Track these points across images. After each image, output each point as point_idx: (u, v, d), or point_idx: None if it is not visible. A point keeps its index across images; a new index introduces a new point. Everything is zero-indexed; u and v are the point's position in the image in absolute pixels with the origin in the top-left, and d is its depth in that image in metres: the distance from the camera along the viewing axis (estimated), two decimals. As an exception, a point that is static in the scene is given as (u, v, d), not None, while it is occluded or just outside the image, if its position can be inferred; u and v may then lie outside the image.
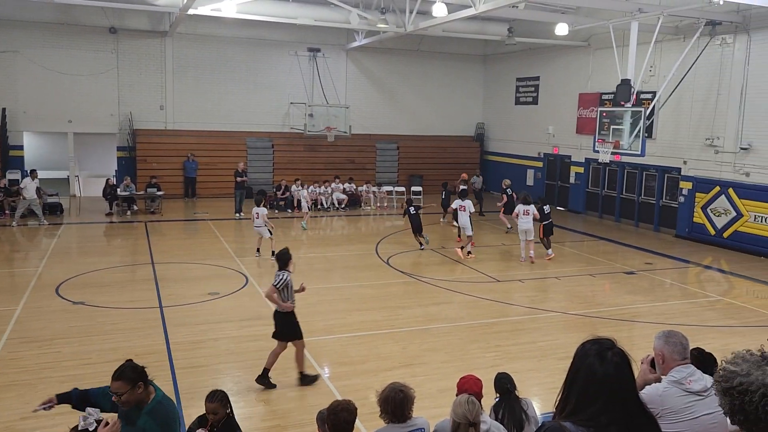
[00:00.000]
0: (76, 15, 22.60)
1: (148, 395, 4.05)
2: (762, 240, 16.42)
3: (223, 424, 4.84)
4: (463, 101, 29.00)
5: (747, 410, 2.15)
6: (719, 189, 17.57)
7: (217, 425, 4.84)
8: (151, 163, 23.50)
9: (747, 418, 2.16)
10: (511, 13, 19.05)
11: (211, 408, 4.84)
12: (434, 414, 5.50)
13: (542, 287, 13.18)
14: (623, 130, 16.89)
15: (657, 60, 18.93)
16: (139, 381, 3.98)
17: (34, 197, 18.27)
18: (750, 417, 2.15)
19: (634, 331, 10.59)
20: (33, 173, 18.71)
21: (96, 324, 9.99)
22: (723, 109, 17.49)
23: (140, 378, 4.00)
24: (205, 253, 15.24)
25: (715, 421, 3.63)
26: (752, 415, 2.15)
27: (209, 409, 4.84)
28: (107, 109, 23.69)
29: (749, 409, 2.14)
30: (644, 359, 3.90)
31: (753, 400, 2.13)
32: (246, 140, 25.20)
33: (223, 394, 4.92)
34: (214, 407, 4.83)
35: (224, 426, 4.85)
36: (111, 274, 13.21)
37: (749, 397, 2.14)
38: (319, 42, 25.79)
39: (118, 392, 3.96)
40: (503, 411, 4.98)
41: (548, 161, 25.28)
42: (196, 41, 24.39)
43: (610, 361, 2.31)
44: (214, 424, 4.84)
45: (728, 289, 13.88)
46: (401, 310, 11.25)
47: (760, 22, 16.27)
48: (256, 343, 9.28)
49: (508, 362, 8.57)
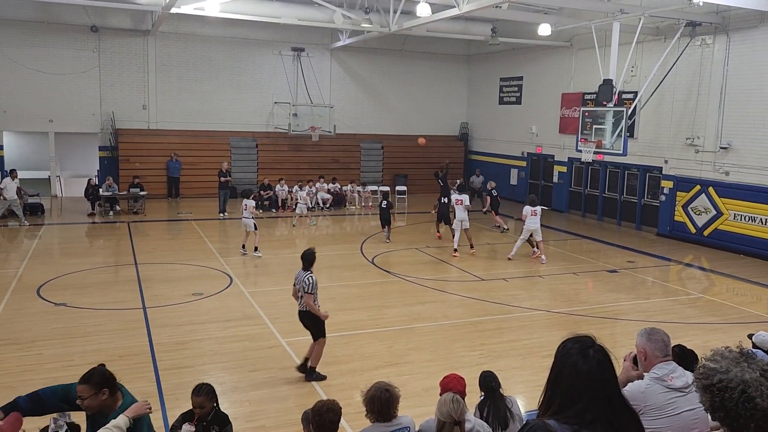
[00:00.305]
0: (56, 13, 22.34)
1: (115, 402, 3.95)
2: (741, 238, 16.66)
3: (211, 417, 4.78)
4: (447, 101, 29.09)
5: (727, 407, 2.18)
6: (699, 188, 17.79)
7: (204, 419, 4.77)
8: (134, 163, 23.30)
9: (727, 415, 2.19)
10: (495, 14, 19.15)
11: (198, 402, 4.77)
12: (419, 413, 5.52)
13: (526, 286, 13.26)
14: (605, 129, 17.06)
15: (638, 60, 19.13)
16: (104, 387, 3.88)
17: (15, 198, 18.05)
18: (730, 413, 2.18)
19: (617, 329, 10.69)
20: (13, 173, 18.48)
21: (78, 325, 9.90)
22: (703, 109, 17.72)
23: (106, 384, 3.90)
24: (189, 254, 15.15)
25: (696, 417, 3.68)
26: (732, 412, 2.17)
27: (196, 403, 4.78)
28: (89, 108, 23.45)
29: (729, 405, 2.17)
30: (627, 356, 3.95)
31: (733, 396, 2.16)
32: (230, 140, 25.07)
33: (210, 387, 4.87)
34: (200, 401, 4.76)
35: (213, 420, 4.79)
36: (93, 275, 13.08)
37: (729, 394, 2.17)
38: (303, 41, 25.73)
39: (81, 395, 3.87)
40: (488, 409, 5.01)
41: (532, 160, 25.44)
42: (179, 40, 24.23)
43: (592, 358, 2.32)
44: (201, 418, 4.77)
45: (709, 286, 14.06)
46: (386, 309, 11.27)
47: (739, 23, 16.50)
48: (240, 343, 9.25)
49: (492, 360, 8.62)
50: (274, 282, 12.89)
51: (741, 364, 2.24)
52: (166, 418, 6.89)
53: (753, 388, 2.17)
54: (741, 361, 2.26)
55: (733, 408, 2.17)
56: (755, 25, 16.13)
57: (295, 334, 9.67)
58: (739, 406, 2.16)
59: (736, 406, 2.16)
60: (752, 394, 2.16)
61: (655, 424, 3.62)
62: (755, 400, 2.15)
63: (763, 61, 16.03)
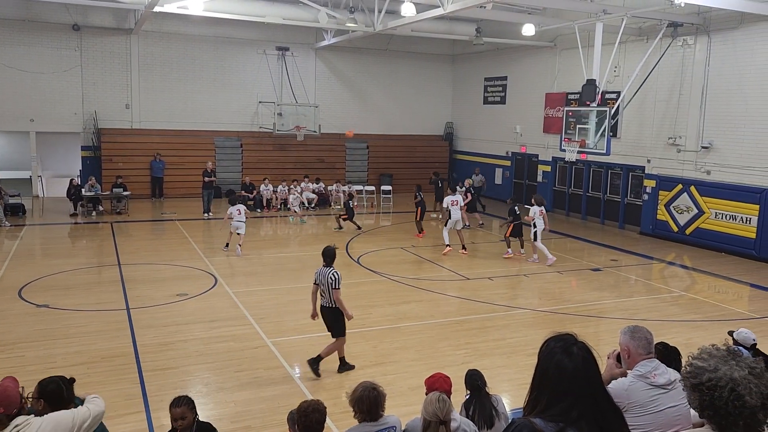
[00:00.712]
0: (38, 11, 22.09)
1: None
2: (723, 236, 16.86)
3: (195, 429, 4.67)
4: (432, 101, 29.14)
5: (717, 405, 2.19)
6: (681, 187, 17.98)
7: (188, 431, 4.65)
8: (117, 163, 23.10)
9: (717, 413, 2.20)
10: (479, 14, 19.22)
11: (178, 413, 4.65)
12: (405, 412, 5.53)
13: (511, 284, 13.33)
14: (589, 129, 17.19)
15: (621, 60, 19.29)
16: (41, 398, 3.88)
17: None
18: (720, 412, 2.19)
19: (601, 327, 10.78)
20: None
21: (61, 327, 9.80)
22: (685, 108, 17.91)
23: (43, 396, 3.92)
24: (174, 254, 15.05)
25: (679, 413, 3.73)
26: (722, 410, 2.19)
27: (176, 415, 4.65)
28: (71, 107, 23.21)
29: (719, 404, 2.18)
30: (610, 354, 3.98)
31: (722, 395, 2.17)
32: (214, 140, 24.94)
33: (189, 398, 4.77)
34: (181, 412, 4.64)
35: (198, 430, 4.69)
36: (76, 276, 12.95)
37: (718, 393, 2.18)
38: (287, 41, 25.66)
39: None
40: (474, 408, 5.03)
41: (516, 160, 25.56)
42: (163, 39, 24.05)
43: (577, 356, 2.33)
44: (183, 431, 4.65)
45: (691, 284, 14.22)
46: (372, 308, 11.27)
47: (720, 24, 16.70)
48: (225, 344, 9.21)
49: (477, 359, 8.66)
50: (259, 282, 12.85)
51: (729, 362, 2.26)
52: (150, 420, 6.85)
53: (742, 386, 2.18)
54: (729, 360, 2.27)
55: (722, 406, 2.19)
56: (735, 26, 16.33)
57: (280, 335, 9.66)
58: (729, 404, 2.17)
59: (725, 404, 2.18)
60: (741, 392, 2.17)
61: (639, 421, 3.65)
62: (744, 398, 2.17)
63: (743, 61, 16.23)
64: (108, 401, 7.21)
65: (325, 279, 8.00)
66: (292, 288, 12.48)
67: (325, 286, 8.01)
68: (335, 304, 8.03)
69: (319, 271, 8.15)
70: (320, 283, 8.09)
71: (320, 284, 8.09)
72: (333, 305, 8.04)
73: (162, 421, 6.85)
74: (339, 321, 8.13)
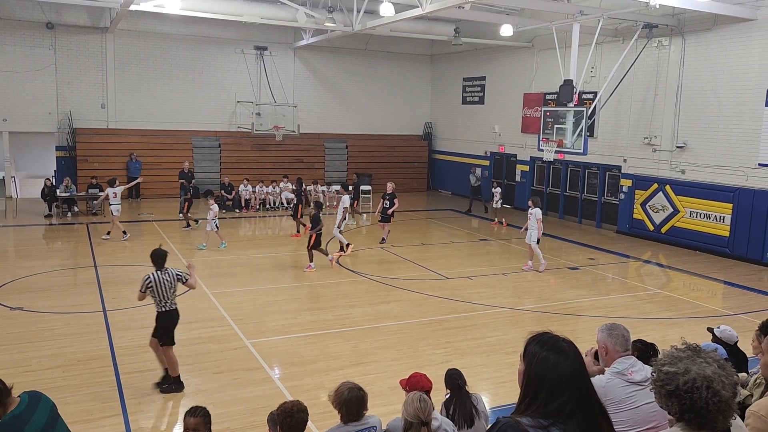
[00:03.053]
0: (9, 9, 21.71)
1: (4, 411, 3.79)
2: (697, 234, 17.13)
3: None
4: (411, 100, 29.20)
5: (698, 406, 2.20)
6: (657, 186, 18.23)
7: None
8: (93, 163, 22.78)
9: (698, 414, 2.21)
10: (458, 14, 19.31)
11: (192, 424, 4.38)
12: (385, 411, 5.54)
13: (490, 283, 13.40)
14: (566, 129, 17.35)
15: (598, 61, 19.51)
16: None
17: None
18: (701, 412, 2.20)
19: (579, 325, 10.89)
20: None
21: (35, 330, 9.64)
22: (660, 109, 18.16)
23: None
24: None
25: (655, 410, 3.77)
26: (703, 410, 2.19)
27: (189, 425, 4.39)
28: (45, 107, 22.84)
29: (700, 404, 2.19)
30: (588, 352, 4.02)
31: (702, 396, 2.18)
32: (192, 139, 24.72)
33: (206, 411, 4.50)
34: (195, 423, 4.38)
35: None
36: (51, 278, 12.75)
37: (698, 394, 2.19)
38: (266, 40, 25.53)
39: None
40: (454, 407, 5.04)
41: (495, 160, 25.71)
42: (139, 38, 23.77)
43: (569, 352, 2.31)
44: None
45: (666, 282, 14.42)
46: (351, 309, 11.26)
47: (694, 25, 16.96)
48: (204, 345, 9.14)
49: (457, 358, 8.69)
50: (237, 283, 12.76)
51: (697, 361, 2.27)
52: (128, 422, 6.77)
53: (716, 381, 2.21)
54: (696, 359, 2.28)
55: (703, 407, 2.20)
56: (709, 28, 16.60)
57: (259, 335, 9.61)
58: (710, 403, 2.19)
59: (706, 404, 2.19)
60: (716, 387, 2.20)
61: (616, 417, 3.69)
62: (720, 392, 2.19)
63: (716, 62, 16.51)
64: (85, 404, 7.17)
65: (173, 280, 7.67)
66: (271, 289, 12.42)
67: (172, 286, 7.67)
68: (174, 307, 7.71)
69: (157, 277, 7.58)
70: (166, 287, 7.59)
71: (162, 288, 7.56)
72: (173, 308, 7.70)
73: (140, 424, 6.79)
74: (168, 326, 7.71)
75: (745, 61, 15.77)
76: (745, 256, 15.87)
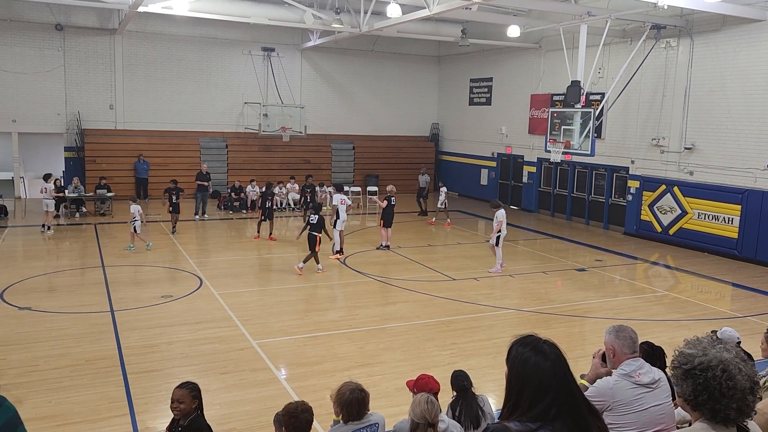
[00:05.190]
0: (19, 11, 21.84)
1: None
2: (705, 236, 17.03)
3: (189, 421, 4.39)
4: (418, 101, 29.20)
5: (711, 386, 2.26)
6: (665, 187, 18.15)
7: (182, 420, 4.38)
8: (101, 164, 22.90)
9: (711, 396, 2.26)
10: (465, 15, 19.30)
11: (177, 395, 4.40)
12: (392, 413, 5.54)
13: (496, 285, 13.37)
14: (573, 130, 17.28)
15: (605, 62, 19.44)
16: None
17: None
18: (714, 394, 2.26)
19: (586, 327, 10.85)
20: None
21: (43, 330, 9.69)
22: (668, 110, 18.08)
23: None
24: (159, 256, 14.94)
25: (663, 412, 3.76)
26: (716, 392, 2.25)
27: (174, 396, 4.41)
28: (54, 108, 22.97)
29: (713, 384, 2.25)
30: (596, 353, 4.01)
31: (716, 375, 2.25)
32: (199, 140, 24.80)
33: (194, 384, 4.53)
34: (180, 395, 4.39)
35: (190, 424, 4.39)
36: (59, 278, 12.82)
37: (711, 373, 2.26)
38: (273, 41, 25.59)
39: None
40: (460, 408, 5.04)
41: (502, 161, 25.66)
42: (147, 39, 23.87)
43: (550, 354, 2.32)
44: (178, 420, 4.38)
45: (674, 284, 14.35)
46: (358, 309, 11.26)
47: (702, 26, 16.88)
48: (211, 345, 9.16)
49: (464, 360, 8.68)
50: (244, 283, 12.79)
51: (717, 346, 2.35)
52: (135, 422, 6.79)
53: (732, 365, 2.27)
54: (716, 344, 2.37)
55: (716, 387, 2.25)
56: (717, 29, 16.52)
57: (266, 336, 9.63)
58: (723, 384, 2.25)
59: (719, 384, 2.25)
60: (732, 371, 2.25)
61: (623, 419, 3.68)
62: (735, 377, 2.25)
63: (725, 63, 16.42)
64: (92, 404, 7.20)
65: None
66: (278, 289, 12.44)
67: None
68: None
69: None
70: None
71: None
72: None
73: (147, 424, 6.80)
74: None
75: (755, 61, 15.68)
76: (754, 258, 15.76)
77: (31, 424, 6.64)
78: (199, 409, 4.52)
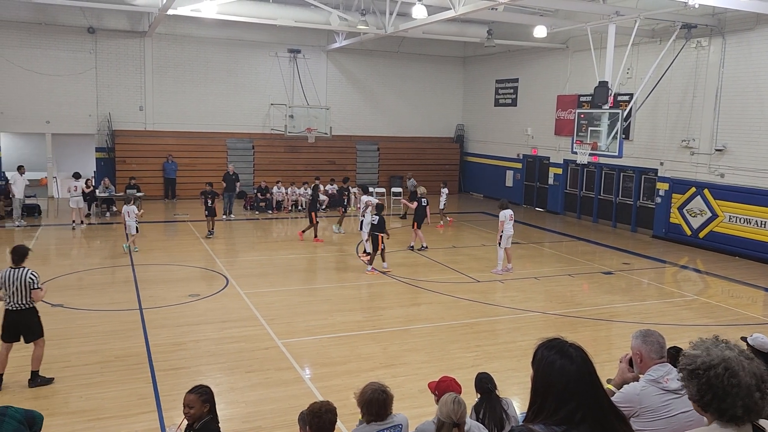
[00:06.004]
0: (53, 14, 22.32)
1: None
2: (736, 240, 16.72)
3: (201, 425, 4.33)
4: (443, 103, 29.14)
5: (714, 385, 2.27)
6: (695, 190, 17.86)
7: (195, 424, 4.35)
8: (131, 164, 23.29)
9: (716, 395, 2.27)
10: (491, 16, 19.21)
11: (187, 400, 4.37)
12: (415, 414, 5.54)
13: (522, 287, 13.29)
14: (601, 131, 17.10)
15: (634, 62, 19.20)
16: None
17: (22, 195, 18.30)
18: (718, 393, 2.26)
19: (612, 331, 10.73)
20: (20, 169, 18.63)
21: (75, 326, 9.89)
22: (698, 111, 17.79)
23: None
24: (186, 255, 15.15)
25: (691, 419, 3.70)
26: (720, 390, 2.26)
27: (185, 401, 4.39)
28: (85, 109, 23.43)
29: (716, 383, 2.26)
30: (622, 358, 3.96)
31: (718, 373, 2.26)
32: (226, 141, 25.08)
33: (205, 389, 4.48)
34: (190, 399, 4.36)
35: (201, 428, 4.34)
36: (90, 276, 13.07)
37: (714, 371, 2.27)
38: (299, 43, 25.76)
39: None
40: (484, 410, 5.03)
41: (527, 162, 25.49)
42: (176, 42, 24.22)
43: (577, 357, 2.32)
44: (192, 424, 4.35)
45: (704, 288, 14.11)
46: (382, 310, 11.29)
47: (735, 25, 16.58)
48: (236, 344, 9.26)
49: (488, 362, 8.65)
50: (269, 283, 12.89)
51: (719, 345, 2.37)
52: (162, 419, 6.90)
53: (735, 362, 2.27)
54: (719, 344, 2.39)
55: (719, 385, 2.26)
56: (751, 27, 16.21)
57: (291, 336, 9.70)
58: (726, 382, 2.25)
59: (722, 382, 2.25)
60: (735, 368, 2.26)
61: (651, 426, 3.64)
62: (738, 374, 2.25)
63: (759, 63, 16.10)
64: (121, 400, 7.34)
65: (19, 280, 7.51)
66: (302, 289, 12.53)
67: (19, 288, 7.51)
68: (30, 305, 7.62)
69: (6, 273, 7.51)
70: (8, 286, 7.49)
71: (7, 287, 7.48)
72: (26, 306, 7.59)
73: (174, 420, 6.89)
74: (36, 321, 7.72)
75: (788, 62, 15.36)
76: (787, 263, 15.45)
77: (63, 419, 6.81)
78: (211, 413, 4.44)
